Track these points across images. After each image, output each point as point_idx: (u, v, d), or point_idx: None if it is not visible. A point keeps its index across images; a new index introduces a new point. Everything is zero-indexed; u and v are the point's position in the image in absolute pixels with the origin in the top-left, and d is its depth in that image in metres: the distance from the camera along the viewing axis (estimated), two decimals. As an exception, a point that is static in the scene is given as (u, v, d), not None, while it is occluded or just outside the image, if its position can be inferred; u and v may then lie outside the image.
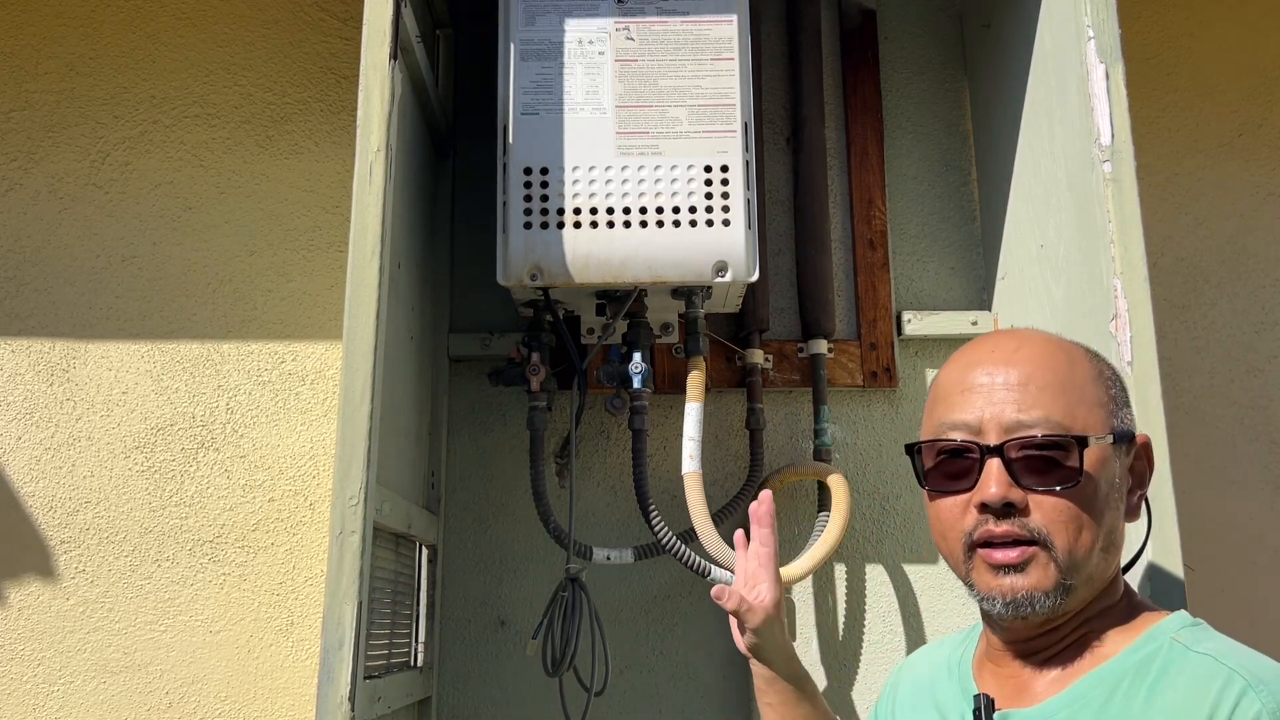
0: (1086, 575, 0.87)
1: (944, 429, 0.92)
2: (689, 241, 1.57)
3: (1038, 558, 0.86)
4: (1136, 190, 1.45)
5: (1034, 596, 0.86)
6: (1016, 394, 0.88)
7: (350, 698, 1.27)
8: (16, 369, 1.90)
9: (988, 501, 0.87)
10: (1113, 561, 0.90)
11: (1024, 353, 0.91)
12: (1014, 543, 0.87)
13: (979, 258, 2.00)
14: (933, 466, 0.92)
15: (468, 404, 1.91)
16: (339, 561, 1.31)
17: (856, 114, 2.02)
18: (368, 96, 1.45)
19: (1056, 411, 0.88)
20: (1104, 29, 1.50)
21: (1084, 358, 0.93)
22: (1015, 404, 0.88)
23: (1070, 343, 0.95)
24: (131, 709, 1.80)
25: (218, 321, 1.93)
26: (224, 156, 1.99)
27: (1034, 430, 0.87)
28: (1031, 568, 0.86)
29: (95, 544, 1.85)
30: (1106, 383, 0.92)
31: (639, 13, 1.64)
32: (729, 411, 1.91)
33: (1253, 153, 2.07)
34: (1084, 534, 0.86)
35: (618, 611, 1.85)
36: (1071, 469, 0.86)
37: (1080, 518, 0.86)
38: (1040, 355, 0.91)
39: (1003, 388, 0.89)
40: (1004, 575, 0.87)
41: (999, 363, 0.91)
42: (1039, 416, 0.87)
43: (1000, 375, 0.90)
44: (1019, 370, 0.89)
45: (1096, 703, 0.84)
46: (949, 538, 0.91)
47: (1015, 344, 0.92)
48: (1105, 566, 0.89)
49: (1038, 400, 0.88)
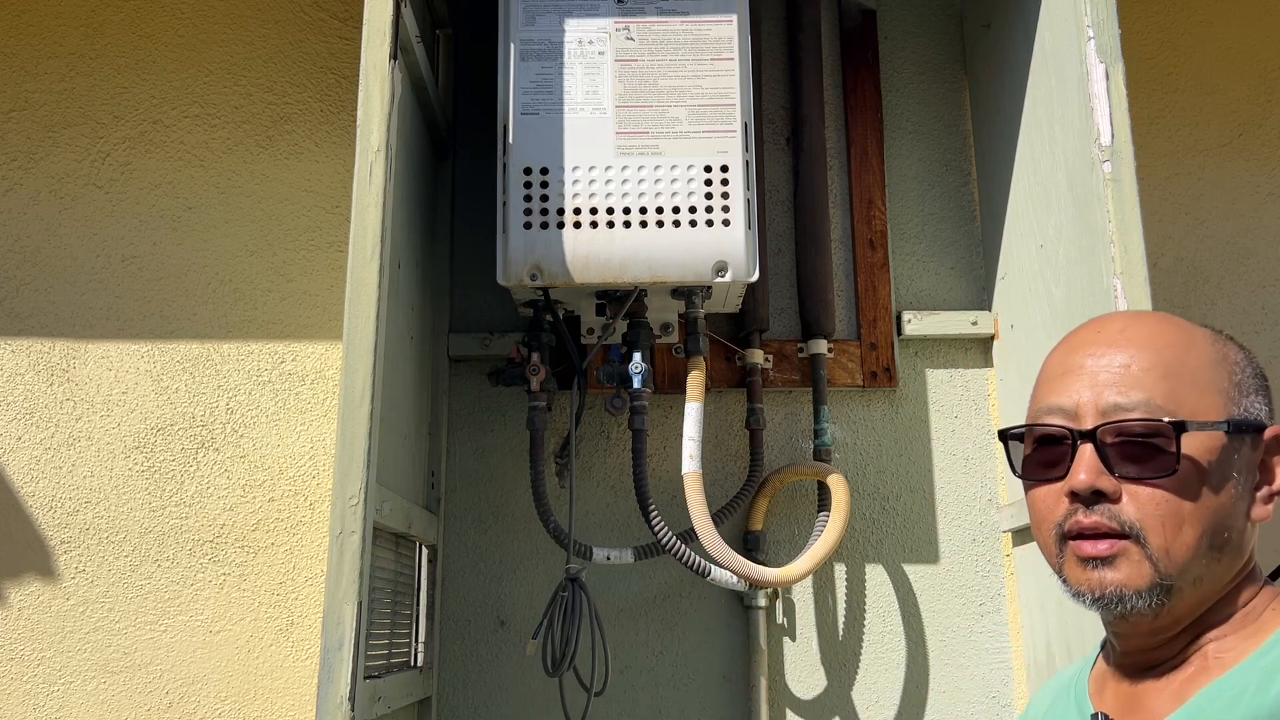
0: (1193, 577, 0.80)
1: (1041, 414, 0.86)
2: (689, 241, 1.57)
3: (1129, 552, 0.80)
4: (1136, 190, 1.45)
5: (1124, 594, 0.80)
6: (1118, 376, 0.82)
7: (350, 698, 1.27)
8: (16, 369, 1.90)
9: (1076, 489, 0.81)
10: (1232, 564, 0.82)
11: (1131, 333, 0.85)
12: (1104, 535, 0.81)
13: (979, 258, 2.00)
14: (1030, 454, 0.86)
15: (468, 404, 1.91)
16: (339, 561, 1.31)
17: (856, 114, 2.02)
18: (368, 96, 1.45)
19: (1160, 395, 0.81)
20: (1104, 29, 1.50)
21: (1206, 339, 0.85)
22: (1115, 386, 0.82)
23: (1192, 324, 0.87)
24: (131, 709, 1.80)
25: (218, 321, 1.93)
26: (224, 156, 1.99)
27: (1132, 413, 0.80)
28: (1121, 562, 0.80)
29: (95, 544, 1.85)
30: (1232, 368, 0.84)
31: (639, 13, 1.64)
32: (729, 411, 1.91)
33: (1253, 153, 2.07)
34: (1185, 530, 0.79)
35: (618, 611, 1.85)
36: (1169, 456, 0.79)
37: (1180, 511, 0.79)
38: (1149, 335, 0.84)
39: (1104, 370, 0.83)
40: (1093, 569, 0.81)
41: (1103, 344, 0.85)
42: (1139, 399, 0.81)
43: (1104, 357, 0.84)
44: (1124, 352, 0.83)
45: (1219, 714, 0.77)
46: (1042, 529, 0.85)
47: (1123, 324, 0.86)
48: (1220, 569, 0.81)
49: (1140, 382, 0.81)
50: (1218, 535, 0.80)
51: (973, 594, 1.87)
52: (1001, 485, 1.90)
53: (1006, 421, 1.89)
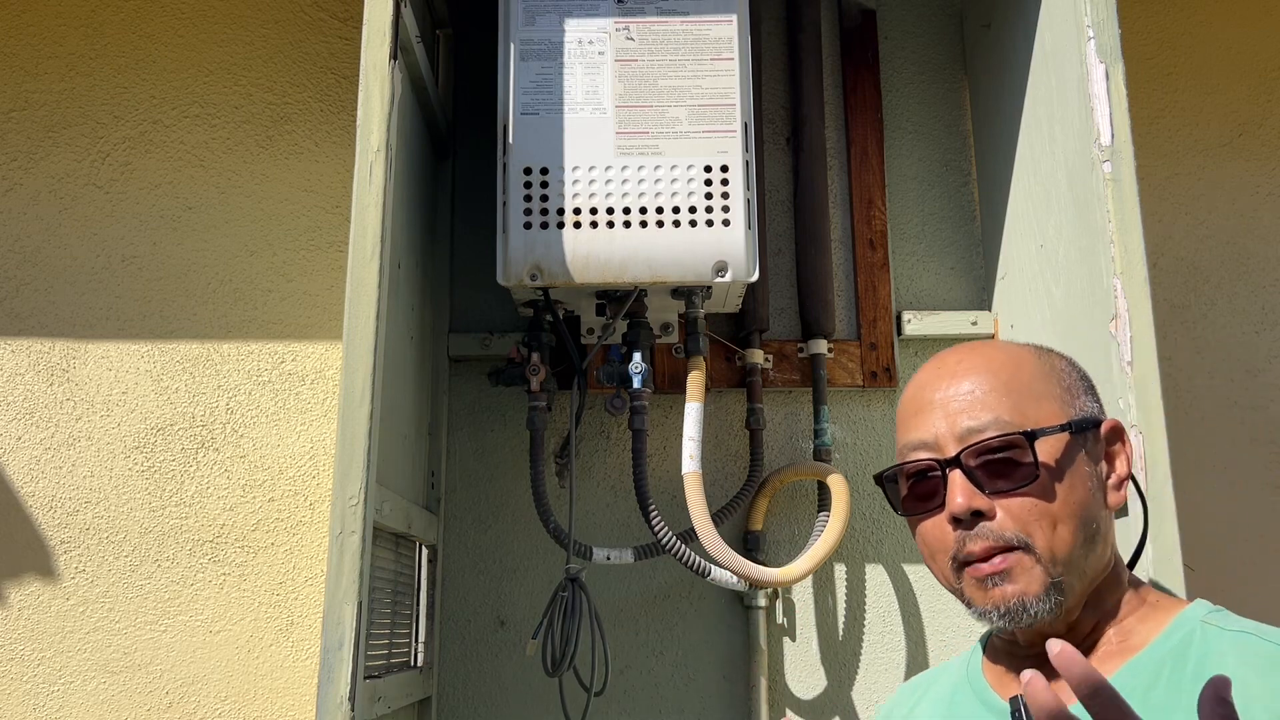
0: (1078, 570, 0.86)
1: (906, 452, 0.92)
2: (689, 241, 1.57)
3: (1021, 562, 0.85)
4: (1136, 190, 1.45)
5: (1026, 602, 0.85)
6: (965, 403, 0.89)
7: (350, 698, 1.27)
8: (16, 369, 1.90)
9: (955, 513, 0.87)
10: (1103, 552, 0.89)
11: (967, 363, 0.93)
12: (994, 553, 0.86)
13: (979, 258, 2.00)
14: (906, 493, 0.93)
15: (468, 404, 1.91)
16: (339, 561, 1.31)
17: (856, 114, 2.02)
18: (368, 96, 1.45)
19: (1005, 411, 0.88)
20: (1104, 29, 1.50)
21: (1029, 356, 0.93)
22: (966, 412, 0.89)
23: (1014, 344, 0.96)
24: (131, 709, 1.80)
25: (218, 321, 1.93)
26: (224, 156, 1.99)
27: (985, 433, 0.87)
28: (1017, 573, 0.85)
29: (95, 544, 1.85)
30: (1060, 374, 0.92)
31: (639, 13, 1.64)
32: (729, 411, 1.91)
33: (1253, 153, 2.07)
34: (1060, 528, 0.85)
35: (618, 611, 1.85)
36: (1028, 465, 0.86)
37: (1051, 512, 0.85)
38: (983, 362, 0.92)
39: (952, 400, 0.90)
40: (992, 586, 0.86)
41: (945, 377, 0.92)
42: (989, 419, 0.88)
43: (949, 389, 0.91)
44: (965, 381, 0.91)
45: (1138, 693, 0.81)
46: (938, 560, 0.91)
47: (958, 358, 0.94)
48: (1096, 558, 0.88)
49: (985, 404, 0.89)
50: (1088, 527, 0.86)
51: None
52: (1001, 485, 1.90)
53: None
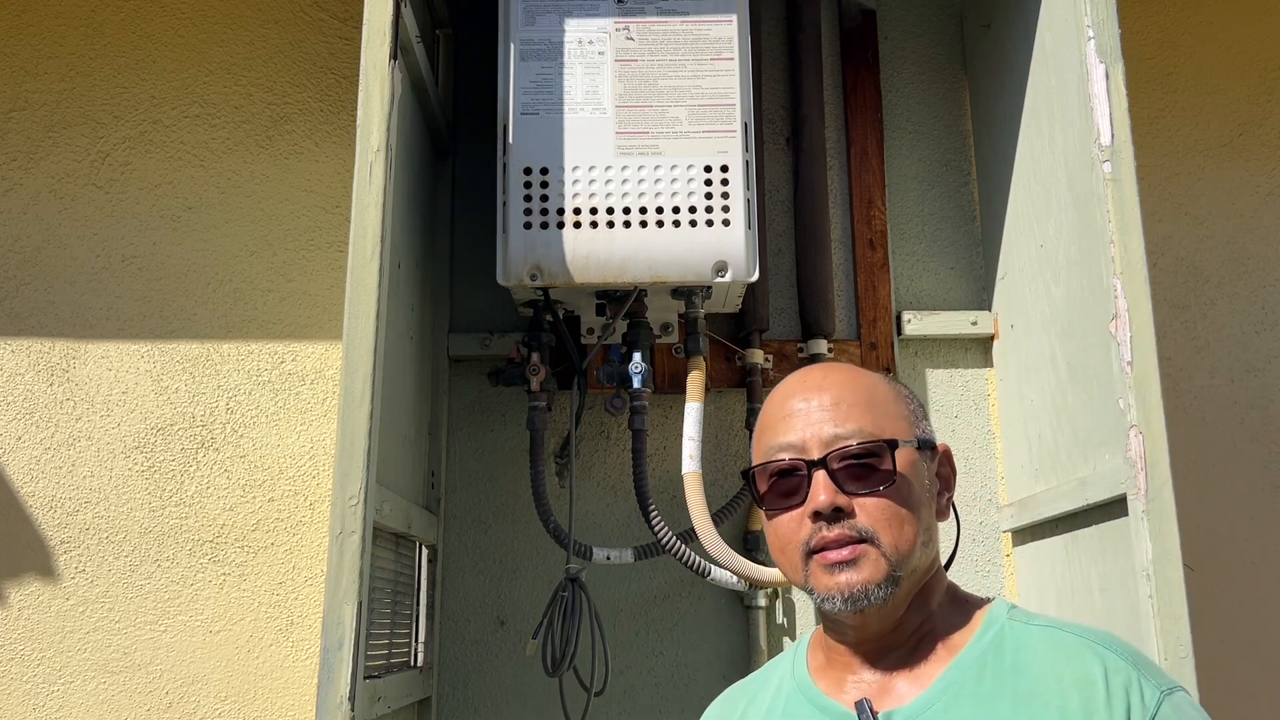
0: (911, 567, 0.96)
1: (773, 452, 1.00)
2: (689, 241, 1.57)
3: (868, 554, 0.95)
4: (1136, 190, 1.45)
5: (868, 589, 0.94)
6: (830, 413, 0.98)
7: (350, 698, 1.27)
8: (16, 369, 1.90)
9: (819, 509, 0.96)
10: (931, 555, 1.00)
11: (831, 379, 1.02)
12: (846, 543, 0.95)
13: (979, 258, 2.00)
14: (768, 489, 1.01)
15: (468, 404, 1.91)
16: (339, 561, 1.31)
17: (856, 114, 2.02)
18: (368, 96, 1.45)
19: (868, 423, 0.98)
20: (1104, 29, 1.50)
21: (881, 380, 1.04)
22: (831, 421, 0.98)
23: (864, 370, 1.07)
24: (131, 709, 1.80)
25: (218, 321, 1.93)
26: (224, 156, 1.99)
27: (850, 441, 0.96)
28: (863, 563, 0.95)
29: (95, 544, 1.85)
30: (904, 399, 1.03)
31: (639, 13, 1.64)
32: (729, 411, 1.91)
33: (1253, 153, 2.07)
34: (905, 528, 0.96)
35: (618, 611, 1.85)
36: (887, 471, 0.96)
37: (901, 514, 0.96)
38: (844, 379, 1.02)
39: (818, 409, 0.99)
40: (839, 572, 0.95)
41: (811, 389, 1.01)
42: (853, 429, 0.97)
43: (815, 399, 1.00)
44: (830, 393, 1.00)
45: (969, 687, 0.92)
46: (788, 551, 0.99)
47: (822, 374, 1.03)
48: (926, 559, 0.99)
49: (849, 415, 0.98)
50: (925, 531, 0.98)
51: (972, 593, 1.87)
52: (1001, 485, 1.90)
53: (1006, 422, 1.89)
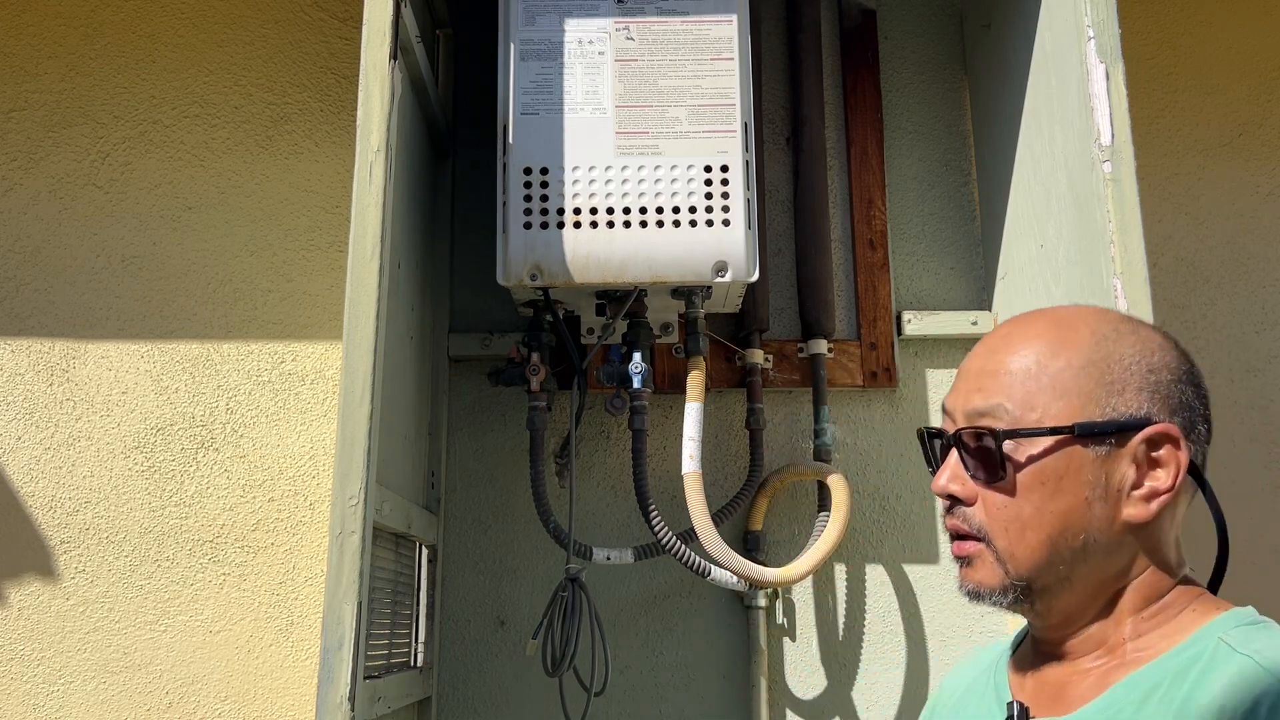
0: (1054, 578, 0.82)
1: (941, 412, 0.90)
2: (689, 241, 1.57)
3: (983, 555, 0.84)
4: (1136, 190, 1.45)
5: (982, 591, 0.84)
6: (985, 379, 0.84)
7: (350, 698, 1.27)
8: (16, 369, 1.90)
9: (935, 492, 0.87)
10: (1106, 565, 0.82)
11: (1013, 335, 0.86)
12: (960, 536, 0.86)
13: (979, 258, 2.00)
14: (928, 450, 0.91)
15: (468, 404, 1.91)
16: (339, 561, 1.31)
17: (856, 114, 2.02)
18: (368, 96, 1.45)
19: (1013, 398, 0.82)
20: (1104, 29, 1.50)
21: (1086, 340, 0.84)
22: (980, 390, 0.84)
23: (1088, 319, 0.86)
24: (131, 709, 1.80)
25: (218, 321, 1.93)
26: (224, 156, 1.99)
27: (982, 419, 0.83)
28: (978, 563, 0.84)
29: (95, 544, 1.85)
30: (1109, 366, 0.83)
31: (639, 13, 1.64)
32: (729, 411, 1.91)
33: (1253, 153, 2.07)
34: (1027, 534, 0.82)
35: (618, 611, 1.85)
36: (996, 465, 0.82)
37: (1021, 516, 0.82)
38: (1025, 338, 0.85)
39: (977, 373, 0.86)
40: (961, 567, 0.86)
41: (986, 346, 0.87)
42: (994, 404, 0.83)
43: (981, 359, 0.86)
44: (996, 355, 0.85)
45: (1129, 710, 0.78)
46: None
47: (1012, 327, 0.88)
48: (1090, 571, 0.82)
49: (999, 387, 0.83)
50: (1070, 539, 0.81)
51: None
52: (1001, 485, 1.90)
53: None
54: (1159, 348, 0.85)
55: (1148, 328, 0.87)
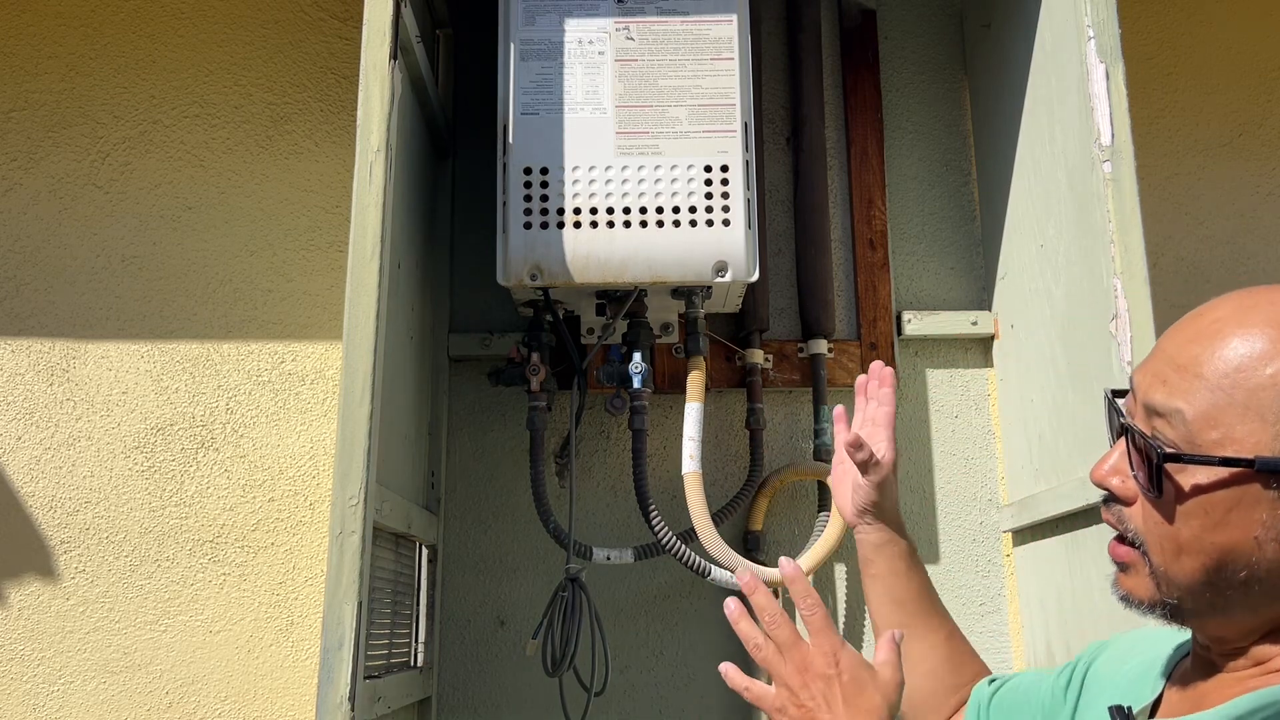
0: (1207, 604, 0.74)
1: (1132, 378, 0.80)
2: (689, 241, 1.57)
3: (1138, 565, 0.77)
4: (1136, 190, 1.45)
5: (1132, 600, 0.78)
6: (1172, 373, 0.75)
7: (350, 698, 1.27)
8: (16, 369, 1.90)
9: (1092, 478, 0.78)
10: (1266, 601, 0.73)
11: (1223, 325, 0.75)
12: (1117, 534, 0.78)
13: (979, 258, 2.00)
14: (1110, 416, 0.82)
15: (468, 404, 1.91)
16: (339, 561, 1.31)
17: (856, 114, 2.02)
18: (368, 96, 1.45)
19: (1196, 410, 0.72)
20: (1104, 29, 1.50)
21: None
22: (1166, 385, 0.75)
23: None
24: (131, 709, 1.80)
25: (218, 321, 1.93)
26: (224, 156, 1.99)
27: (1161, 420, 0.74)
28: (1132, 571, 0.77)
29: (95, 544, 1.85)
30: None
31: (639, 13, 1.64)
32: (729, 411, 1.91)
33: (1253, 153, 2.07)
34: (1183, 559, 0.73)
35: (618, 611, 1.85)
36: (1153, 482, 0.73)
37: (1178, 538, 0.73)
38: (1235, 334, 0.74)
39: (1168, 361, 0.76)
40: (1116, 568, 0.79)
41: (1189, 329, 0.77)
42: (1175, 407, 0.73)
43: (1182, 345, 0.76)
44: (1196, 345, 0.75)
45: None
46: None
47: (1227, 312, 0.76)
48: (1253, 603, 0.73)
49: (1186, 388, 0.73)
50: (1228, 573, 0.72)
51: (973, 594, 1.87)
52: (1001, 485, 1.90)
53: (1006, 422, 1.88)
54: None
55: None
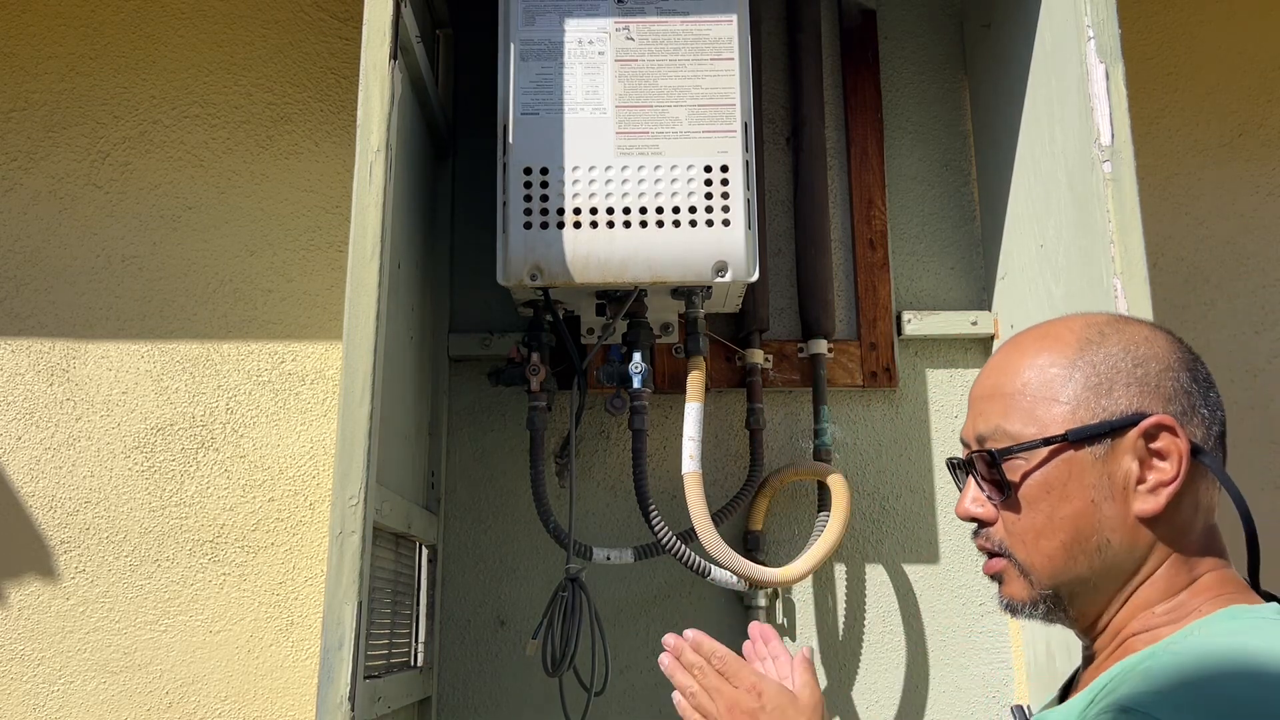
0: (1074, 581, 0.83)
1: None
2: (689, 241, 1.57)
3: (1008, 570, 0.87)
4: (1136, 190, 1.45)
5: (1015, 604, 0.87)
6: (984, 405, 0.88)
7: (350, 698, 1.27)
8: (16, 369, 1.90)
9: (957, 515, 0.91)
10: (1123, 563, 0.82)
11: (1003, 356, 0.90)
12: (987, 553, 0.89)
13: (979, 258, 2.00)
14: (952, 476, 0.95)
15: (468, 404, 1.91)
16: (339, 561, 1.31)
17: (856, 114, 2.02)
18: (368, 96, 1.45)
19: (1007, 419, 0.86)
20: (1104, 29, 1.50)
21: (1069, 344, 0.86)
22: (980, 416, 0.88)
23: (1065, 328, 0.88)
24: (131, 709, 1.80)
25: (218, 321, 1.93)
26: (224, 156, 1.99)
27: (985, 442, 0.87)
28: (1005, 578, 0.87)
29: (95, 544, 1.85)
30: (1093, 369, 0.84)
31: (639, 13, 1.64)
32: (729, 411, 1.91)
33: (1252, 153, 2.07)
34: (1041, 543, 0.84)
35: (618, 611, 1.85)
36: (1000, 483, 0.85)
37: (1034, 527, 0.84)
38: (1010, 359, 0.89)
39: (978, 400, 0.90)
40: (994, 581, 0.89)
41: (985, 373, 0.91)
42: (992, 427, 0.87)
43: (982, 384, 0.90)
44: (990, 380, 0.89)
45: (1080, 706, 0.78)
46: None
47: (1007, 349, 0.90)
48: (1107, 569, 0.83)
49: (994, 409, 0.87)
50: (1084, 541, 0.82)
51: (973, 594, 1.87)
52: (1001, 485, 1.90)
53: (1006, 421, 1.89)
54: (1144, 340, 0.86)
55: (1135, 323, 0.88)
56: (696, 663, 1.04)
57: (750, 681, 1.01)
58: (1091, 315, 0.90)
